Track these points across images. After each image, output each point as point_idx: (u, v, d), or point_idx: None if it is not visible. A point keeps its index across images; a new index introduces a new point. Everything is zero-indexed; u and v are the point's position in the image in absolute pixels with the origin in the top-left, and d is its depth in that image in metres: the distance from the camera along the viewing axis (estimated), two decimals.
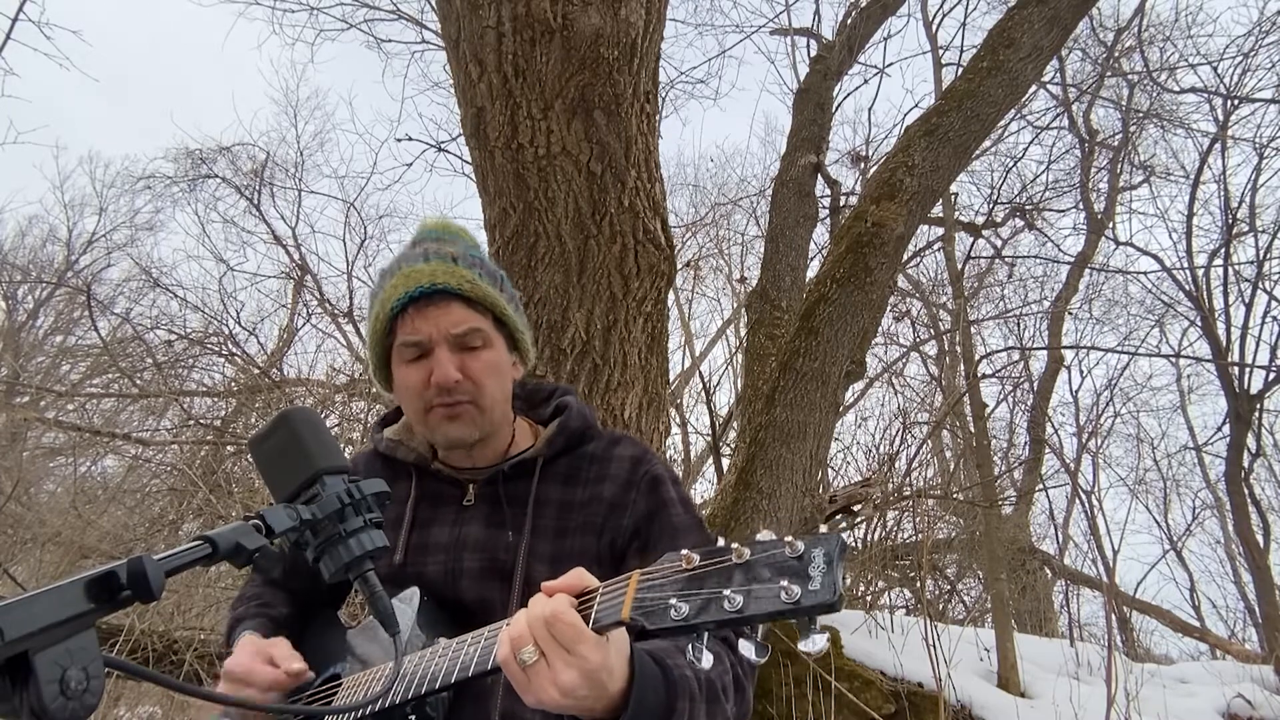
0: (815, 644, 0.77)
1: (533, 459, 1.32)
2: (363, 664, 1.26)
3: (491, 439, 1.34)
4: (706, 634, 0.81)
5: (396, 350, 1.28)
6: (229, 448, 7.04)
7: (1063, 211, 10.17)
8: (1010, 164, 9.42)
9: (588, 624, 0.87)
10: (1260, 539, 9.25)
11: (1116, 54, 8.99)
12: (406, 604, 1.23)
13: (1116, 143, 9.89)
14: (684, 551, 0.84)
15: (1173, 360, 11.18)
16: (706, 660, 0.80)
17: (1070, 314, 10.19)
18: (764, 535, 0.82)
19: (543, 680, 0.86)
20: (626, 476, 1.31)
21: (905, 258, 8.17)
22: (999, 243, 9.88)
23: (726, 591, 0.79)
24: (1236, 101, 9.00)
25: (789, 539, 0.79)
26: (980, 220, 9.13)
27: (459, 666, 1.02)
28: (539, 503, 1.30)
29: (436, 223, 1.38)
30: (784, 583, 0.76)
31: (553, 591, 0.91)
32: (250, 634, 1.30)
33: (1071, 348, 10.14)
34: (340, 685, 1.23)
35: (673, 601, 0.82)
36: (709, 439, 8.99)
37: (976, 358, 8.14)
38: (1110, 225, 10.04)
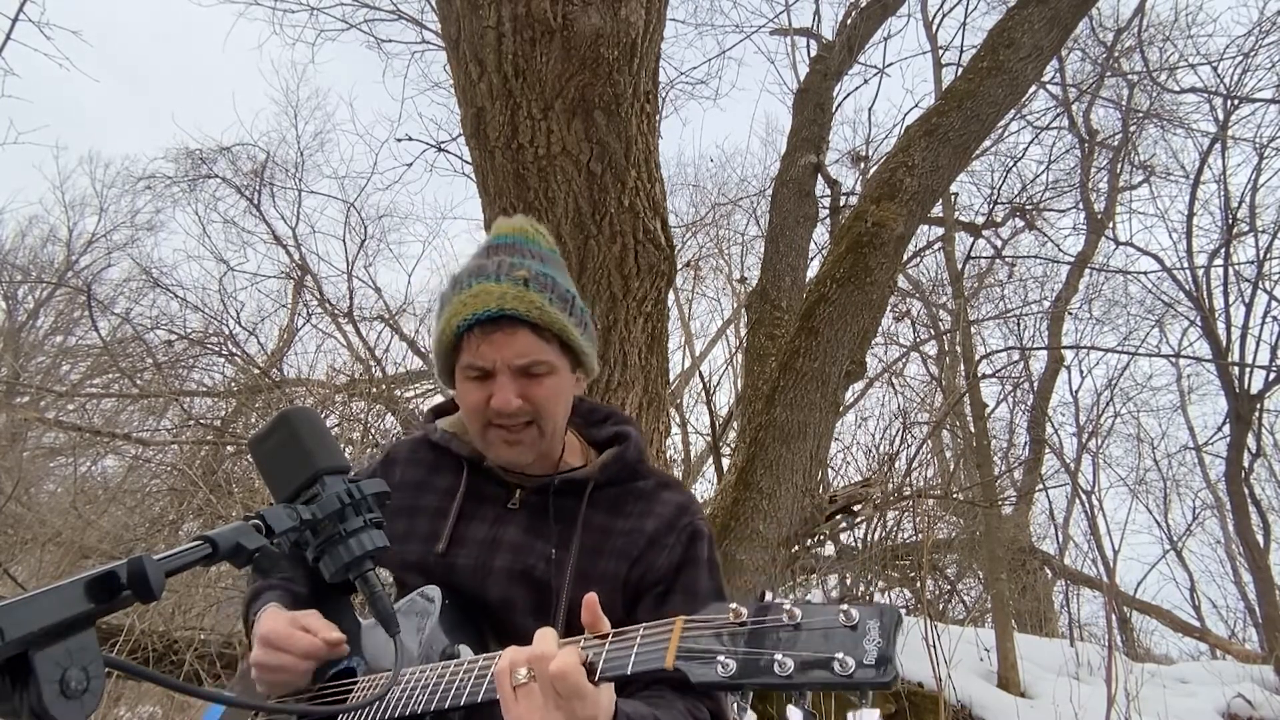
0: (866, 718, 0.75)
1: (583, 480, 1.33)
2: (378, 659, 1.25)
3: (547, 455, 1.35)
4: (751, 693, 0.80)
5: (460, 368, 1.28)
6: (229, 448, 7.04)
7: (1063, 211, 10.17)
8: (1010, 164, 9.42)
9: (594, 671, 0.89)
10: (1260, 539, 9.26)
11: (1116, 54, 8.99)
12: (432, 604, 1.23)
13: (1116, 143, 9.88)
14: (732, 605, 0.83)
15: (1173, 360, 11.19)
16: None
17: (1070, 314, 10.18)
18: (815, 597, 0.81)
19: (531, 705, 0.90)
20: (670, 519, 1.32)
21: (905, 258, 8.17)
22: (999, 243, 9.88)
23: (778, 655, 0.77)
24: (1236, 101, 9.00)
25: (843, 606, 0.78)
26: (980, 220, 9.12)
27: (469, 690, 1.03)
28: (584, 523, 1.31)
29: (514, 226, 1.35)
30: (839, 654, 0.75)
31: (588, 614, 0.95)
32: (275, 606, 1.30)
33: (1071, 348, 10.14)
34: (355, 684, 1.23)
35: (720, 657, 0.80)
36: (709, 439, 8.99)
37: (976, 358, 8.14)
38: (1110, 225, 10.04)
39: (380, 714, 1.10)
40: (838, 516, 6.18)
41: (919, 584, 7.54)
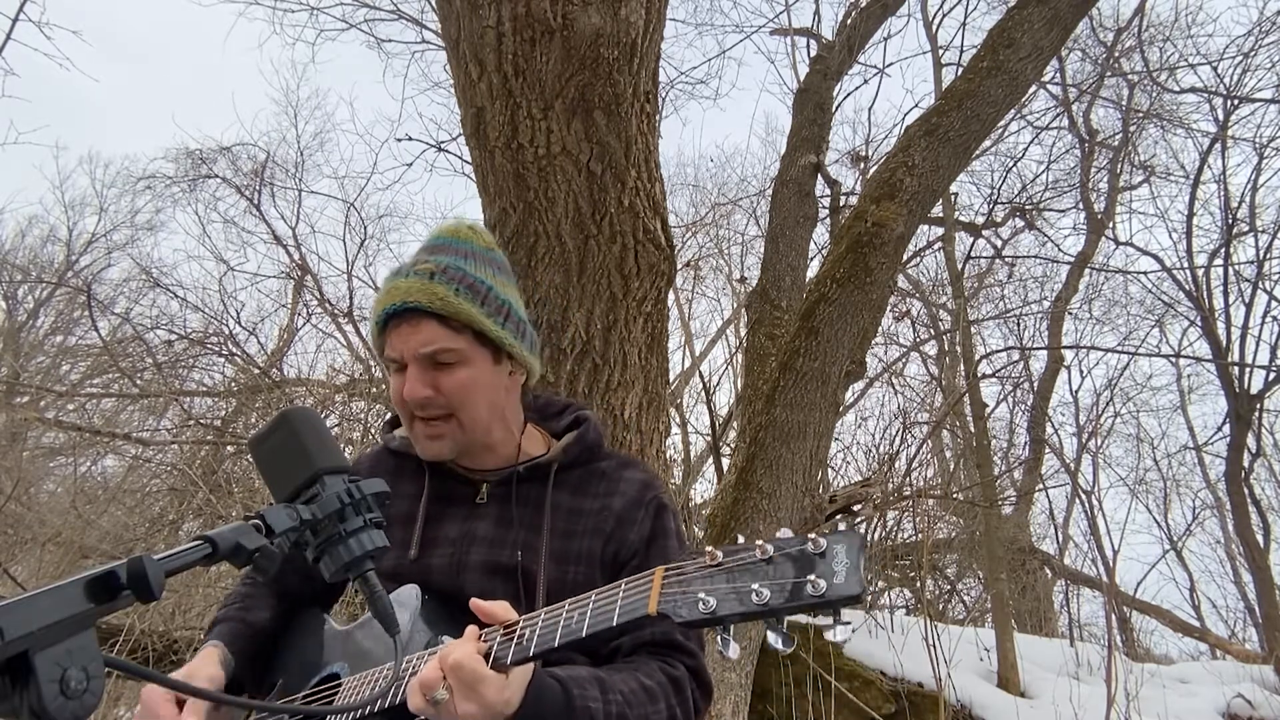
0: (842, 632, 0.80)
1: (547, 464, 1.36)
2: (359, 663, 1.26)
3: (492, 448, 1.37)
4: (733, 626, 0.85)
5: (385, 363, 1.33)
6: (229, 448, 7.04)
7: (1063, 211, 10.17)
8: (1010, 164, 9.42)
9: (506, 659, 0.96)
10: (1260, 539, 9.24)
11: (1116, 54, 8.99)
12: (405, 605, 1.23)
13: (1116, 143, 9.88)
14: (708, 548, 0.88)
15: (1173, 360, 11.18)
16: (734, 651, 0.84)
17: (1070, 314, 10.18)
18: (784, 533, 0.86)
19: (450, 710, 0.97)
20: (636, 495, 1.35)
21: (905, 258, 8.17)
22: (999, 243, 9.88)
23: (754, 585, 0.83)
24: (1236, 101, 8.99)
25: (811, 536, 0.83)
26: (980, 220, 9.13)
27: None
28: (552, 506, 1.33)
29: (446, 228, 1.39)
30: (810, 576, 0.81)
31: (482, 615, 1.01)
32: (210, 645, 1.31)
33: (1071, 348, 10.13)
34: (340, 685, 1.23)
35: (701, 595, 0.85)
36: (709, 439, 8.99)
37: (976, 358, 8.14)
38: (1110, 225, 10.03)
39: (376, 708, 1.10)
40: (838, 516, 6.18)
41: (919, 584, 7.54)
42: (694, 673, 1.23)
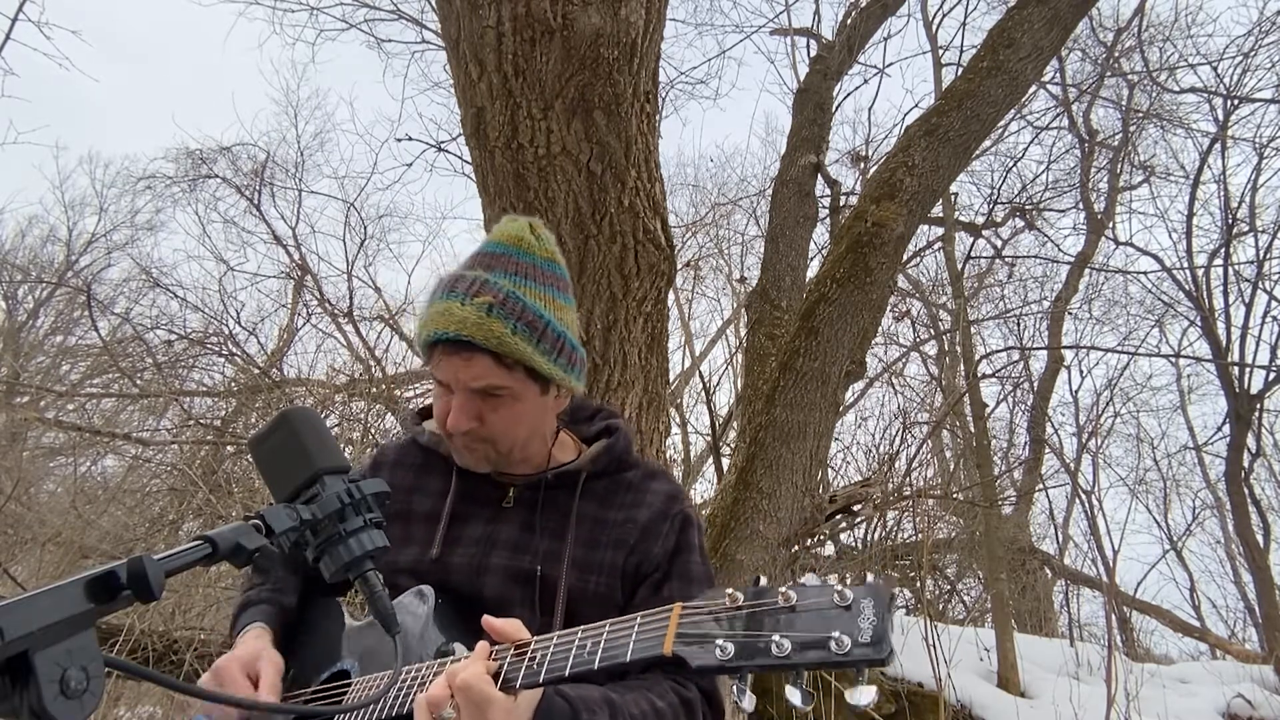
0: (863, 695, 0.75)
1: (575, 472, 1.36)
2: (369, 661, 1.25)
3: (527, 458, 1.36)
4: (750, 676, 0.80)
5: (431, 372, 1.30)
6: (229, 448, 7.05)
7: (1063, 211, 10.18)
8: (1010, 164, 9.43)
9: (516, 681, 0.95)
10: (1260, 539, 9.25)
11: (1116, 54, 8.99)
12: (423, 603, 1.23)
13: (1116, 143, 9.89)
14: (729, 590, 0.84)
15: (1173, 360, 11.19)
16: (749, 702, 0.80)
17: (1070, 314, 10.19)
18: (809, 579, 0.82)
19: None
20: (662, 508, 1.35)
21: (905, 258, 8.17)
22: (999, 243, 9.89)
23: (775, 636, 0.79)
24: (1236, 101, 9.00)
25: (838, 587, 0.79)
26: (980, 220, 9.13)
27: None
28: (578, 516, 1.33)
29: (511, 235, 1.32)
30: (834, 633, 0.76)
31: (493, 633, 1.01)
32: (260, 626, 1.31)
33: (1071, 348, 10.13)
34: (349, 685, 1.23)
35: (719, 640, 0.81)
36: (709, 439, 9.01)
37: (976, 358, 8.14)
38: (1110, 225, 10.04)
39: (380, 713, 1.10)
40: (838, 516, 6.18)
41: (919, 584, 7.55)
42: (707, 695, 1.22)
